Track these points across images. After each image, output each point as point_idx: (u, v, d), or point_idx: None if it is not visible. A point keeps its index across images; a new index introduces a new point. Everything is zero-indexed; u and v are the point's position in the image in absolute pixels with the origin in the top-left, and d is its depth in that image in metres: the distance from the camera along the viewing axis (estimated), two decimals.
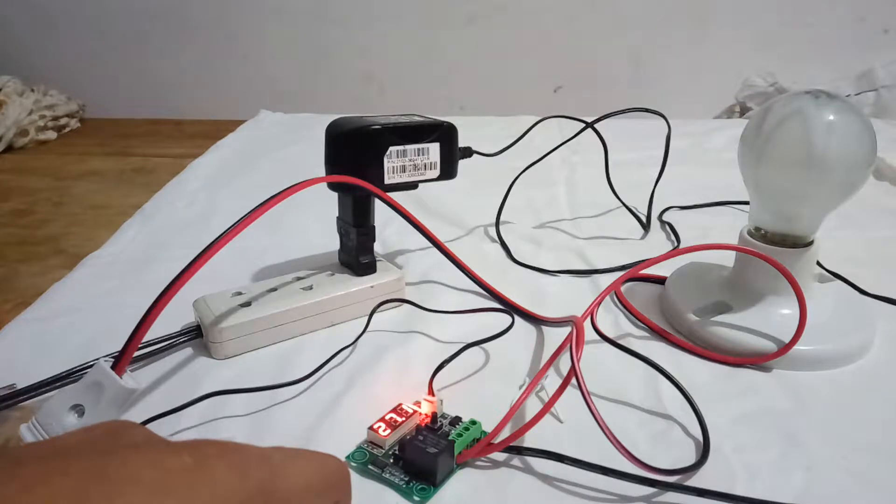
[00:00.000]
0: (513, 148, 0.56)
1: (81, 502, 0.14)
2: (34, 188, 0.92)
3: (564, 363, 0.39)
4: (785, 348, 0.38)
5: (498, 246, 0.57)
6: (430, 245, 0.47)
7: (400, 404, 0.34)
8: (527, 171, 0.62)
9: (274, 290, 0.44)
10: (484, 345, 0.41)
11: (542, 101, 1.38)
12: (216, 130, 1.00)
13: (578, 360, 0.32)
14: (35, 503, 0.14)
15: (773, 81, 1.21)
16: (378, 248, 0.49)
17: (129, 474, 0.15)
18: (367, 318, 0.43)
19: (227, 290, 0.44)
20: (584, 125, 0.58)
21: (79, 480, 0.15)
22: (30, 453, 0.16)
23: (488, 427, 0.32)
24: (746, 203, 0.51)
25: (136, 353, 0.34)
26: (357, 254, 0.45)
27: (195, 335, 0.41)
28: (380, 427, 0.32)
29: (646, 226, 0.61)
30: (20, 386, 0.36)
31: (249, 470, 0.18)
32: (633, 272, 0.43)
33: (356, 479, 0.30)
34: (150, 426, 0.33)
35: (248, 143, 0.92)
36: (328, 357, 0.39)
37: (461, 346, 0.39)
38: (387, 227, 0.59)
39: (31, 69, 1.38)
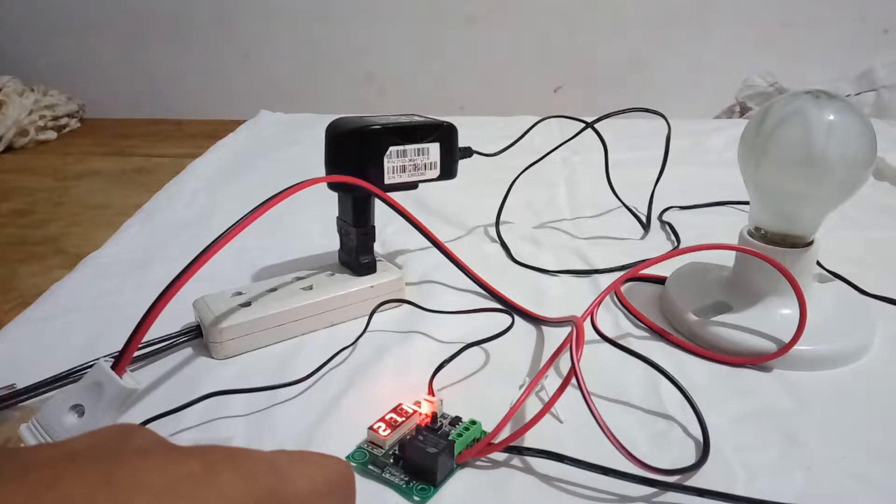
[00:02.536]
0: (513, 148, 0.56)
1: None
2: (34, 188, 0.92)
3: (564, 363, 0.39)
4: (785, 348, 0.38)
5: (498, 246, 0.57)
6: (430, 245, 0.47)
7: (400, 404, 0.34)
8: (527, 171, 0.62)
9: (274, 290, 0.44)
10: (484, 345, 0.41)
11: (542, 101, 1.38)
12: (216, 130, 1.00)
13: (578, 360, 0.32)
14: None
15: (773, 81, 1.21)
16: (378, 248, 0.49)
17: (137, 480, 0.15)
18: (367, 318, 0.43)
19: (227, 290, 0.44)
20: (584, 125, 0.58)
21: (87, 486, 0.15)
22: (38, 457, 0.16)
23: (488, 427, 0.32)
24: (746, 203, 0.51)
25: (136, 353, 0.34)
26: (357, 254, 0.45)
27: (195, 335, 0.41)
28: (380, 427, 0.32)
29: (646, 226, 0.61)
30: (20, 386, 0.36)
31: (257, 475, 0.18)
32: (633, 272, 0.43)
33: (356, 479, 0.30)
34: (150, 426, 0.33)
35: (248, 143, 0.92)
36: (328, 357, 0.39)
37: (461, 346, 0.39)
38: (387, 227, 0.58)
39: (31, 69, 1.38)
